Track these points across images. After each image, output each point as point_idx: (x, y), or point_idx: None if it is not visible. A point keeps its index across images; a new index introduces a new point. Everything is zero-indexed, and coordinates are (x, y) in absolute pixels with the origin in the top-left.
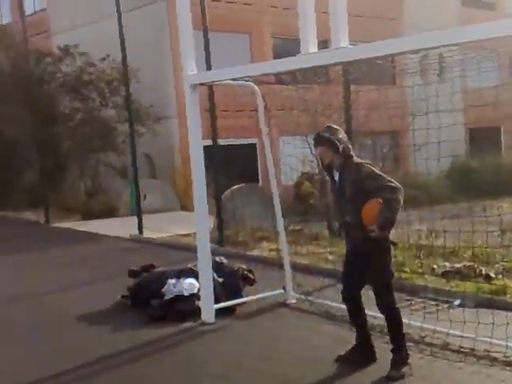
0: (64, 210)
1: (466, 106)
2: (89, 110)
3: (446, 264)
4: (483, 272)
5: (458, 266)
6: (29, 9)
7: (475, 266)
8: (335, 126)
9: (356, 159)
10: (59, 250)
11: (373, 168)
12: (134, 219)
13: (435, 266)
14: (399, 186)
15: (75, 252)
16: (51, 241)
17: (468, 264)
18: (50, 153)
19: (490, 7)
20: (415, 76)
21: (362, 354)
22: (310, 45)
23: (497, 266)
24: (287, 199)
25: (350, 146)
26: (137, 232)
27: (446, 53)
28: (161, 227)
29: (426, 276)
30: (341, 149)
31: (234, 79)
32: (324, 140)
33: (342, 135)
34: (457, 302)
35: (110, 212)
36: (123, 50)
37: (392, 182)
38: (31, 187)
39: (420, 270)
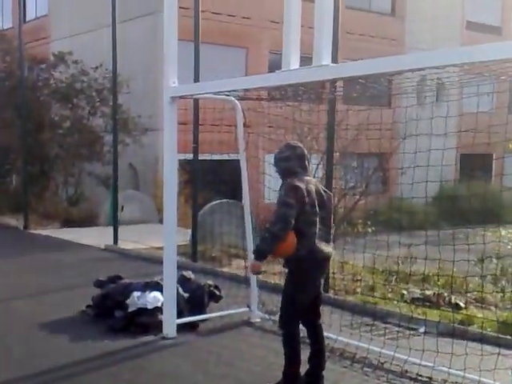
0: (45, 216)
1: (460, 130)
2: (77, 118)
3: (416, 291)
4: (452, 301)
5: (428, 293)
6: (31, 14)
7: (445, 294)
8: (293, 144)
9: (292, 180)
10: (33, 256)
11: (285, 193)
12: (112, 229)
13: (405, 292)
14: (285, 219)
15: (49, 259)
16: (26, 247)
17: (438, 292)
18: (36, 159)
19: (497, 31)
20: (411, 98)
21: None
22: (291, 61)
23: (468, 295)
24: (267, 218)
25: (295, 166)
26: (112, 242)
27: (444, 75)
28: (137, 239)
29: (395, 302)
30: (280, 167)
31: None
32: (274, 159)
33: (289, 153)
34: (422, 330)
35: (90, 221)
36: (114, 59)
37: (282, 212)
38: (14, 193)
39: (389, 296)
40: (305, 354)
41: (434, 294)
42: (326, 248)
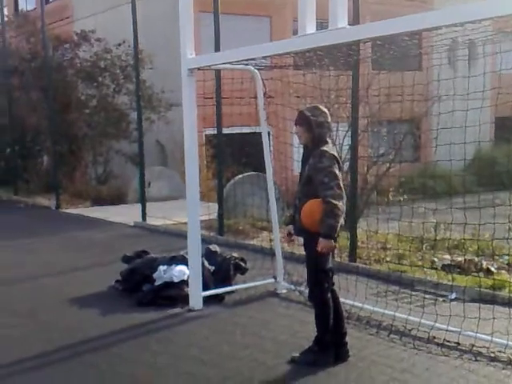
0: (75, 195)
1: (495, 93)
2: (103, 96)
3: (447, 257)
4: (484, 266)
5: (458, 259)
6: None
7: (476, 259)
8: (322, 109)
9: (326, 148)
10: (65, 234)
11: (330, 163)
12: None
13: (435, 259)
14: (343, 193)
15: (80, 237)
16: (59, 226)
17: (469, 258)
18: (64, 139)
19: None
20: (442, 61)
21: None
22: (307, 25)
23: (501, 260)
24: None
25: (327, 133)
26: (140, 219)
27: (477, 35)
28: (165, 215)
29: (425, 269)
30: (315, 133)
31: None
32: (302, 119)
33: (325, 119)
34: (452, 296)
35: (119, 198)
36: (135, 34)
37: (339, 186)
38: (45, 173)
39: (420, 263)
40: None
41: (465, 260)
42: None
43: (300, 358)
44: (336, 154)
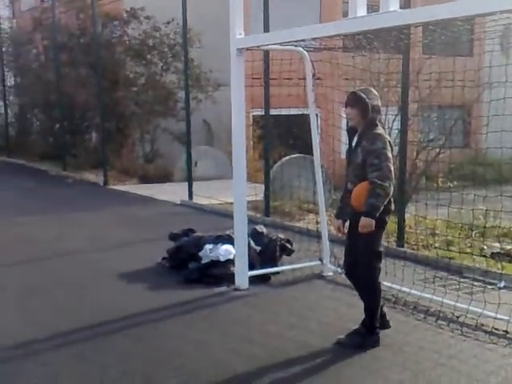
0: (123, 172)
1: None
2: (151, 74)
3: (497, 245)
4: None
5: (508, 247)
6: None
7: None
8: (374, 91)
9: (379, 131)
10: (112, 211)
11: (383, 145)
12: (187, 185)
13: (484, 247)
14: (391, 175)
15: (127, 214)
16: (106, 202)
17: None
18: (112, 116)
19: None
20: (495, 47)
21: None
22: (358, 8)
23: None
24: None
25: (378, 116)
26: (187, 198)
27: None
28: (212, 194)
29: (474, 256)
30: (370, 115)
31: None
32: (358, 101)
33: (377, 102)
34: (501, 284)
35: (165, 177)
36: (184, 12)
37: (388, 168)
38: (94, 149)
39: (468, 250)
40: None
41: None
42: None
43: (346, 341)
44: (389, 138)
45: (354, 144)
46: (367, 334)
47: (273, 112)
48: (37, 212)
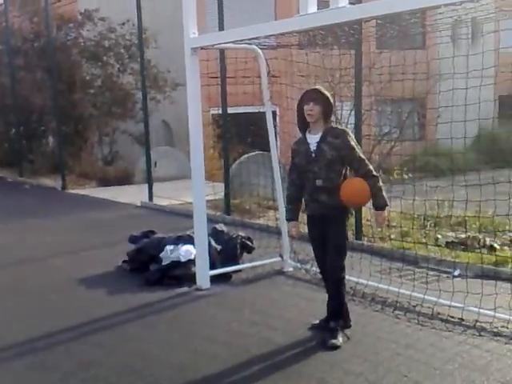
0: (82, 176)
1: (498, 71)
2: (108, 76)
3: (451, 234)
4: (487, 243)
5: (462, 236)
6: None
7: (480, 236)
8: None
9: (339, 126)
10: (72, 215)
11: (353, 138)
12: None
13: (439, 236)
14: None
15: (87, 218)
16: (65, 207)
17: (473, 235)
18: (70, 119)
19: None
20: (445, 39)
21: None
22: (309, 5)
23: (504, 236)
24: None
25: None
26: (147, 199)
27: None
28: (172, 195)
29: (429, 246)
30: (331, 111)
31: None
32: (323, 98)
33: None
34: (455, 273)
35: (125, 179)
36: (139, 13)
37: (366, 159)
38: (51, 154)
39: (423, 241)
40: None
41: (469, 236)
42: None
43: (333, 340)
44: None
45: (313, 142)
46: (337, 322)
47: (230, 110)
48: None
